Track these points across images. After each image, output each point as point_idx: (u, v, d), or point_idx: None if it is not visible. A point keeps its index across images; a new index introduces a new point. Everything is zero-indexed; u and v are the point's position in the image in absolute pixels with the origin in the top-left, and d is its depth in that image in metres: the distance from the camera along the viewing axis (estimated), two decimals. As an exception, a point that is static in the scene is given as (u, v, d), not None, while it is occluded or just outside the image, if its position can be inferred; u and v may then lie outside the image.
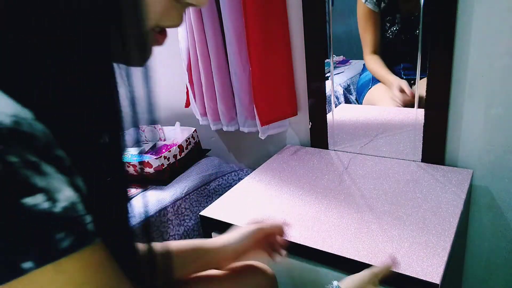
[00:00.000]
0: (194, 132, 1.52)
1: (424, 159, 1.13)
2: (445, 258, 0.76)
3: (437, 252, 0.78)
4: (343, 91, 1.35)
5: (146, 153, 1.56)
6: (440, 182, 1.02)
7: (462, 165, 1.10)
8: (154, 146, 1.63)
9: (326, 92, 1.25)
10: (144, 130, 1.68)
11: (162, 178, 1.38)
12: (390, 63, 1.25)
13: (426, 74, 1.04)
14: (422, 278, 0.71)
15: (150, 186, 1.37)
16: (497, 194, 1.08)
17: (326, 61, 1.22)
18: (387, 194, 1.00)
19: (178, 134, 1.58)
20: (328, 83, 1.24)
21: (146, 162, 1.34)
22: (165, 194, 1.30)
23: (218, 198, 1.10)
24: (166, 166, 1.37)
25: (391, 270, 0.69)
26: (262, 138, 1.34)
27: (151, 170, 1.35)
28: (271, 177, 1.17)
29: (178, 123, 1.56)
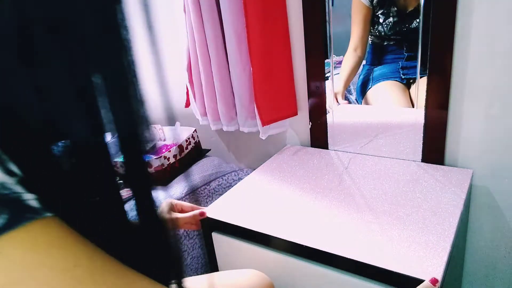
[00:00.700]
0: (194, 132, 1.52)
1: (424, 159, 1.13)
2: (445, 258, 0.76)
3: (437, 252, 0.78)
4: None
5: (146, 153, 1.56)
6: (440, 182, 1.02)
7: (462, 165, 1.10)
8: (154, 146, 1.63)
9: (326, 92, 1.25)
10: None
11: (162, 178, 1.38)
12: (384, 57, 1.24)
13: (426, 74, 1.04)
14: (422, 278, 0.71)
15: (150, 186, 1.37)
16: (497, 194, 1.08)
17: (326, 61, 1.22)
18: (387, 194, 1.00)
19: (178, 134, 1.58)
20: (328, 83, 1.25)
21: (146, 162, 1.34)
22: (165, 194, 1.30)
23: (218, 198, 1.10)
24: (166, 166, 1.37)
25: None
26: (263, 138, 1.34)
27: (151, 170, 1.35)
28: (271, 177, 1.17)
29: (178, 123, 1.56)
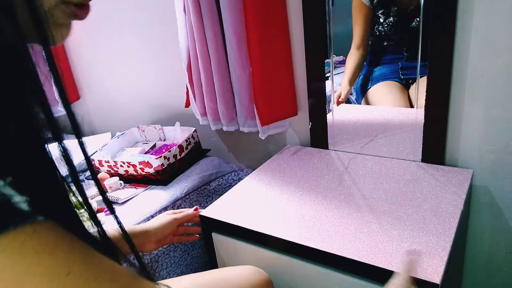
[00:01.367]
0: (194, 132, 1.52)
1: (424, 159, 1.13)
2: (445, 258, 0.76)
3: (437, 252, 0.78)
4: (343, 91, 1.35)
5: (146, 153, 1.56)
6: (440, 182, 1.02)
7: (462, 165, 1.10)
8: (154, 146, 1.63)
9: (326, 92, 1.25)
10: (144, 130, 1.68)
11: (162, 178, 1.38)
12: (383, 57, 1.24)
13: (426, 74, 1.04)
14: (422, 278, 0.71)
15: (150, 186, 1.38)
16: (497, 194, 1.08)
17: (326, 61, 1.22)
18: (387, 194, 1.00)
19: (178, 134, 1.58)
20: (328, 83, 1.25)
21: (146, 162, 1.34)
22: (165, 194, 1.30)
23: (218, 198, 1.10)
24: (166, 166, 1.37)
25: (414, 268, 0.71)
26: (262, 138, 1.34)
27: (151, 170, 1.35)
28: (271, 177, 1.17)
29: (178, 123, 1.57)
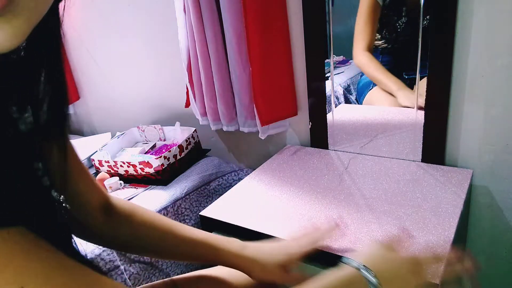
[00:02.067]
0: (194, 132, 1.52)
1: (424, 159, 1.13)
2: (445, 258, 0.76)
3: (437, 252, 0.77)
4: (343, 91, 1.35)
5: (146, 153, 1.56)
6: (440, 182, 1.02)
7: (462, 165, 1.10)
8: (154, 146, 1.63)
9: (326, 92, 1.25)
10: (144, 130, 1.68)
11: (162, 178, 1.38)
12: (399, 60, 1.20)
13: (426, 74, 1.04)
14: (422, 278, 0.71)
15: (150, 186, 1.38)
16: (497, 194, 1.08)
17: (326, 61, 1.22)
18: (387, 194, 1.00)
19: (178, 134, 1.58)
20: (328, 83, 1.24)
21: (146, 162, 1.34)
22: (165, 194, 1.30)
23: (218, 198, 1.10)
24: (166, 166, 1.37)
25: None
26: (262, 138, 1.34)
27: (151, 170, 1.35)
28: (271, 177, 1.17)
29: (178, 123, 1.57)
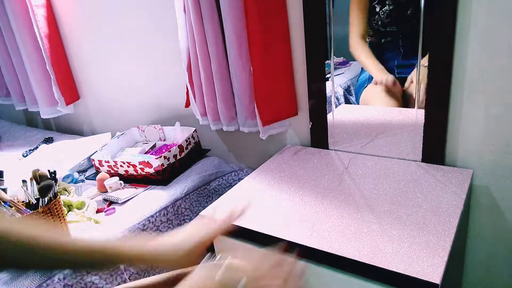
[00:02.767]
0: (194, 132, 1.52)
1: (424, 159, 1.13)
2: (445, 258, 0.76)
3: (437, 252, 0.78)
4: (343, 92, 1.35)
5: (146, 153, 1.56)
6: (440, 182, 1.02)
7: (462, 165, 1.10)
8: (154, 146, 1.63)
9: (327, 92, 1.25)
10: (144, 130, 1.68)
11: (162, 178, 1.38)
12: (382, 55, 1.21)
13: (427, 74, 1.04)
14: (422, 278, 0.71)
15: (150, 186, 1.38)
16: (497, 194, 1.08)
17: (327, 62, 1.22)
18: (387, 194, 1.00)
19: (178, 134, 1.58)
20: (328, 84, 1.25)
21: (146, 162, 1.35)
22: (165, 194, 1.30)
23: (218, 198, 1.10)
24: (166, 166, 1.37)
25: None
26: (263, 138, 1.34)
27: (151, 170, 1.35)
28: (271, 177, 1.17)
29: (178, 123, 1.57)
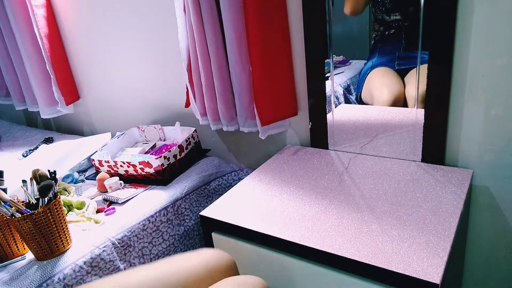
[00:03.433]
0: (194, 132, 1.52)
1: (424, 159, 1.13)
2: (445, 258, 0.76)
3: (437, 252, 0.78)
4: (343, 91, 1.35)
5: (146, 153, 1.56)
6: (440, 182, 1.02)
7: (462, 165, 1.10)
8: (154, 146, 1.63)
9: (326, 92, 1.25)
10: (144, 130, 1.68)
11: (162, 178, 1.38)
12: (384, 46, 1.21)
13: (420, 65, 1.04)
14: (422, 278, 0.71)
15: (150, 186, 1.38)
16: (497, 194, 1.08)
17: (326, 61, 1.22)
18: (387, 194, 1.00)
19: (178, 134, 1.58)
20: (328, 83, 1.24)
21: (146, 162, 1.34)
22: (165, 194, 1.30)
23: (218, 198, 1.10)
24: (166, 166, 1.37)
25: None
26: (263, 138, 1.34)
27: (151, 170, 1.35)
28: (271, 177, 1.17)
29: (178, 123, 1.56)
